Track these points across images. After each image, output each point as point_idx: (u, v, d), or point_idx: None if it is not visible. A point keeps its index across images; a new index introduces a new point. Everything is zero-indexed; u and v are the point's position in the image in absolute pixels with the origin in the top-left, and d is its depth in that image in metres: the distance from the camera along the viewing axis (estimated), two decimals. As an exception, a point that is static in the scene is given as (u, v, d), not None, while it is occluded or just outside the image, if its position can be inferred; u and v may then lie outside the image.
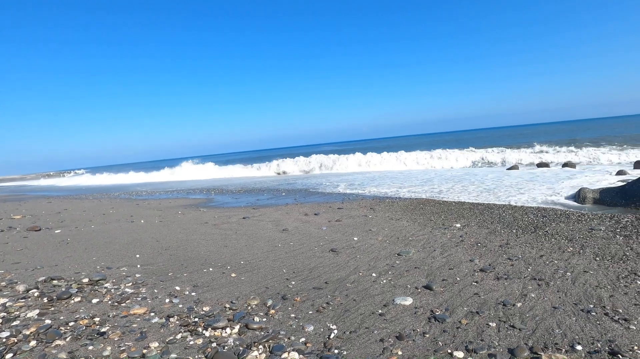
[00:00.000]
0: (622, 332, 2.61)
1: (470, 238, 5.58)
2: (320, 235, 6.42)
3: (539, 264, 4.21)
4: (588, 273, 3.82)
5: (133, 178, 32.71)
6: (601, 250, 4.59)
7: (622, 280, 3.58)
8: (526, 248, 4.86)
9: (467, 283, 3.75)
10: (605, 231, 5.43)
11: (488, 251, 4.82)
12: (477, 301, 3.28)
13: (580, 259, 4.31)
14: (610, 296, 3.23)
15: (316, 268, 4.52)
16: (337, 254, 5.13)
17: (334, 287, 3.83)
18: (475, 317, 2.97)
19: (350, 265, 4.60)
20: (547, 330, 2.70)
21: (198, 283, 4.13)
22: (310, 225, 7.30)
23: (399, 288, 3.70)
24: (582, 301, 3.18)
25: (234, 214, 9.44)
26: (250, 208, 10.54)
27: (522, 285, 3.60)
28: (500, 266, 4.22)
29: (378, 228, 6.62)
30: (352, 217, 7.89)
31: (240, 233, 6.92)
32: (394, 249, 5.21)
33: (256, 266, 4.76)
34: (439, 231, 6.10)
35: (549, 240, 5.21)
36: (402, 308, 3.21)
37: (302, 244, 5.82)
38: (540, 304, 3.14)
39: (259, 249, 5.65)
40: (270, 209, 9.96)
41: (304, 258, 5.00)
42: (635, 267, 3.91)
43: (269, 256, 5.22)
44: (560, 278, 3.75)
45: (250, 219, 8.49)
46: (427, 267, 4.33)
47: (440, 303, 3.28)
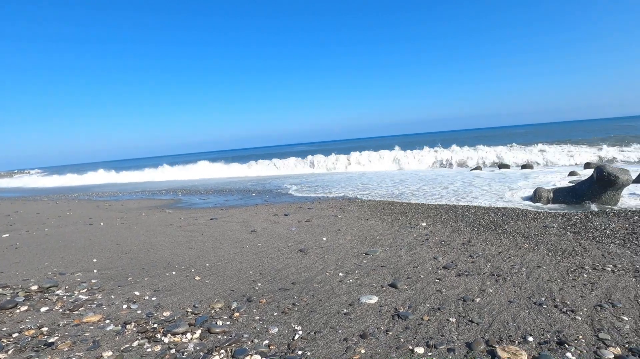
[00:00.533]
0: (569, 323, 2.77)
1: (435, 236, 5.74)
2: (289, 235, 6.37)
3: (498, 260, 4.40)
4: (541, 268, 4.04)
5: (100, 178, 30.89)
6: (553, 246, 4.88)
7: (570, 274, 3.81)
8: (486, 245, 5.07)
9: (431, 280, 3.85)
10: (558, 229, 5.77)
11: (451, 249, 4.99)
12: (439, 298, 3.37)
13: (535, 255, 4.55)
14: (560, 289, 3.42)
15: (283, 269, 4.48)
16: (305, 254, 5.11)
17: (301, 288, 3.81)
18: (436, 313, 3.05)
19: (318, 265, 4.59)
20: (503, 323, 2.82)
21: (159, 288, 3.97)
22: (280, 226, 7.24)
23: (365, 287, 3.74)
24: (535, 294, 3.35)
25: (201, 215, 9.18)
26: (218, 209, 10.30)
27: (481, 281, 3.75)
28: (462, 263, 4.38)
29: (347, 228, 6.67)
30: (322, 217, 7.90)
31: (206, 235, 6.74)
32: (361, 248, 5.26)
33: (222, 268, 4.64)
34: (405, 230, 6.24)
35: (507, 237, 5.46)
36: (367, 307, 3.24)
37: (270, 245, 5.75)
38: (497, 299, 3.28)
39: (226, 251, 5.52)
40: (239, 210, 9.78)
41: (272, 259, 4.94)
42: (582, 261, 4.18)
43: (236, 258, 5.11)
44: (516, 273, 3.93)
45: (218, 220, 8.29)
46: (393, 266, 4.40)
47: (404, 301, 3.35)
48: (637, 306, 3.00)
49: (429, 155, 20.44)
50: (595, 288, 3.41)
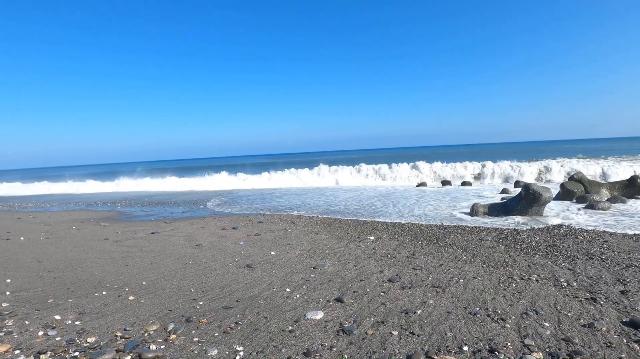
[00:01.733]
0: (500, 331, 2.96)
1: (382, 249, 5.90)
2: (237, 250, 6.15)
3: (439, 272, 4.62)
4: (477, 279, 4.31)
5: (25, 189, 27.57)
6: (487, 257, 5.24)
7: (502, 284, 4.11)
8: (429, 258, 5.30)
9: (376, 293, 3.92)
10: (491, 241, 6.23)
11: (396, 262, 5.14)
12: (384, 311, 3.43)
13: (471, 266, 4.84)
14: (492, 299, 3.66)
15: (228, 286, 4.28)
16: (252, 270, 4.95)
17: (245, 305, 3.66)
18: (380, 327, 3.09)
19: (265, 280, 4.47)
20: (441, 334, 2.93)
21: (86, 310, 3.58)
22: (227, 240, 6.97)
23: (311, 302, 3.69)
24: (471, 304, 3.55)
25: (142, 229, 8.57)
26: (161, 221, 9.70)
27: (423, 293, 3.89)
28: (406, 275, 4.52)
29: (297, 242, 6.61)
30: (271, 231, 7.76)
31: (146, 250, 6.27)
32: (310, 262, 5.22)
33: (160, 286, 4.32)
34: (354, 244, 6.33)
35: (447, 249, 5.77)
36: (313, 323, 3.20)
37: (215, 260, 5.49)
38: (437, 310, 3.42)
39: (167, 267, 5.17)
40: (185, 223, 9.28)
41: (216, 276, 4.71)
42: (512, 272, 4.53)
43: (177, 274, 4.80)
44: (455, 284, 4.15)
45: (160, 234, 7.78)
46: (341, 280, 4.42)
47: (350, 315, 3.35)
48: (556, 312, 3.29)
49: (378, 171, 21.15)
50: (522, 296, 3.70)
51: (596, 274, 4.34)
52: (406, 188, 16.79)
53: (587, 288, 3.90)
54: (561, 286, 3.97)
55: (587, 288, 3.90)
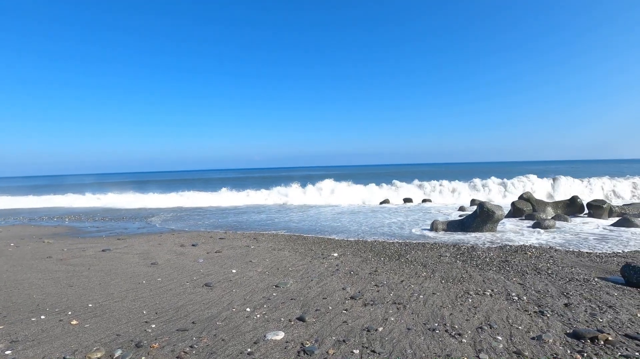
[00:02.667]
0: (457, 346, 3.03)
1: (345, 266, 5.90)
2: (196, 268, 5.89)
3: (400, 289, 4.69)
4: (436, 295, 4.42)
5: None
6: (446, 273, 5.41)
7: (459, 299, 4.24)
8: (390, 275, 5.38)
9: (338, 311, 3.89)
10: (450, 257, 6.46)
11: (359, 279, 5.16)
12: (345, 329, 3.40)
13: (431, 282, 4.97)
14: (450, 314, 3.76)
15: (184, 307, 4.06)
16: (211, 289, 4.75)
17: (202, 327, 3.48)
18: (341, 346, 3.06)
19: (225, 300, 4.29)
20: (401, 351, 2.95)
21: (19, 337, 3.23)
22: (186, 257, 6.66)
23: (272, 322, 3.59)
24: (430, 320, 3.62)
25: (92, 246, 7.98)
26: (114, 238, 9.10)
27: (384, 310, 3.92)
28: (369, 292, 4.54)
29: (259, 259, 6.46)
30: (233, 248, 7.53)
31: (95, 269, 5.83)
32: (272, 280, 5.11)
33: (109, 308, 4.01)
34: (317, 261, 6.29)
35: (408, 266, 5.90)
36: (273, 344, 3.10)
37: (172, 279, 5.21)
38: (397, 327, 3.45)
39: (117, 287, 4.82)
40: (140, 239, 8.77)
41: (172, 296, 4.46)
42: (468, 287, 4.70)
43: (129, 295, 4.48)
44: (415, 300, 4.22)
45: (111, 252, 7.28)
46: (303, 298, 4.35)
47: (311, 335, 3.29)
48: (508, 326, 3.44)
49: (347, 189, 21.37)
50: (478, 311, 3.84)
51: (543, 288, 4.62)
52: (369, 205, 17.10)
53: (535, 301, 4.12)
54: (512, 300, 4.18)
55: (536, 301, 4.12)
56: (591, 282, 4.84)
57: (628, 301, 4.06)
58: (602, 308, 3.87)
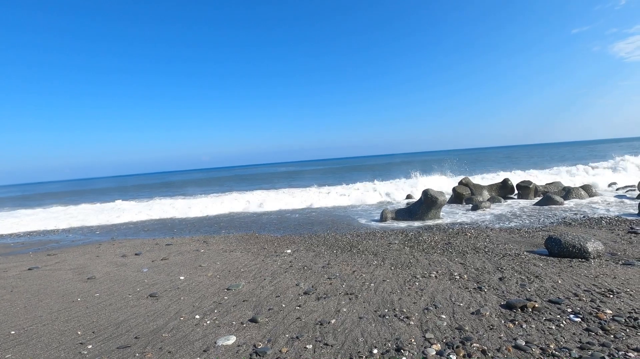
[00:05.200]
0: (405, 329, 3.16)
1: (298, 262, 5.89)
2: (139, 278, 5.50)
3: (352, 279, 4.78)
4: (386, 282, 4.57)
5: None
6: (395, 260, 5.63)
7: (407, 284, 4.43)
8: (343, 266, 5.47)
9: (292, 308, 3.87)
10: (398, 244, 6.73)
11: (312, 274, 5.17)
12: (299, 326, 3.39)
13: (382, 270, 5.13)
14: (399, 299, 3.92)
15: (126, 321, 3.77)
16: (157, 299, 4.46)
17: (147, 341, 3.26)
18: (295, 342, 3.04)
19: (172, 309, 4.06)
20: (354, 341, 3.01)
21: None
22: (128, 268, 6.20)
23: (223, 327, 3.46)
24: (380, 307, 3.73)
25: (15, 264, 7.11)
26: (43, 254, 8.20)
27: (337, 302, 3.97)
28: (322, 286, 4.57)
29: (209, 263, 6.21)
30: (181, 253, 7.17)
31: (19, 291, 5.20)
32: (223, 284, 4.94)
33: (36, 334, 3.59)
34: (270, 259, 6.20)
35: (360, 256, 6.04)
36: (224, 349, 2.99)
37: (112, 293, 4.81)
38: (349, 317, 3.51)
39: (46, 309, 4.34)
40: (74, 253, 7.99)
41: (111, 311, 4.12)
42: (415, 271, 4.93)
43: (60, 316, 4.06)
44: (366, 289, 4.34)
45: (40, 270, 6.55)
46: (256, 298, 4.26)
47: (264, 335, 3.23)
48: (451, 304, 3.66)
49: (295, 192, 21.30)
50: (424, 293, 4.04)
51: (481, 265, 4.99)
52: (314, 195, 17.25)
53: (474, 278, 4.44)
54: (455, 279, 4.46)
55: (475, 278, 4.44)
56: (521, 256, 5.33)
57: (551, 270, 4.53)
58: (530, 278, 4.28)
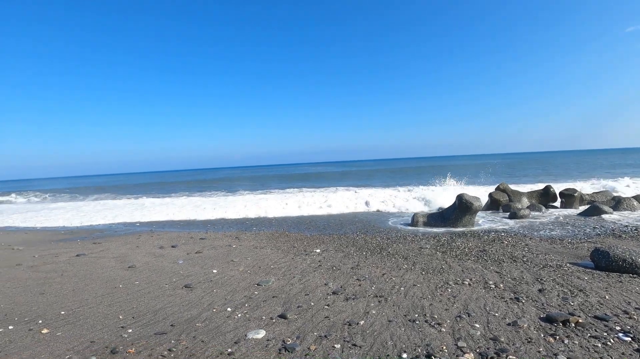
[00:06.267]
0: (436, 335, 3.08)
1: (327, 262, 5.91)
2: (175, 269, 5.76)
3: (381, 282, 4.73)
4: (416, 286, 4.48)
5: None
6: (426, 265, 5.50)
7: (438, 290, 4.31)
8: (372, 268, 5.42)
9: (320, 307, 3.89)
10: (430, 249, 6.57)
11: (341, 274, 5.17)
12: (327, 324, 3.40)
13: (412, 274, 5.04)
14: (430, 305, 3.82)
15: (163, 309, 3.96)
16: (191, 290, 4.65)
17: (181, 329, 3.40)
18: (323, 341, 3.05)
19: (205, 301, 4.21)
20: (382, 343, 2.97)
21: (-16, 350, 3.06)
22: (165, 259, 6.50)
23: (253, 321, 3.54)
24: (410, 312, 3.66)
25: (65, 251, 7.67)
26: (89, 242, 8.79)
27: (366, 303, 3.94)
28: (350, 287, 4.56)
29: (241, 258, 6.38)
30: (214, 248, 7.41)
31: (68, 275, 5.61)
32: (254, 279, 5.05)
33: (82, 315, 3.86)
34: (300, 258, 6.27)
35: (390, 259, 5.96)
36: (254, 343, 3.06)
37: (150, 282, 5.07)
38: (379, 320, 3.47)
39: (91, 293, 4.65)
40: (117, 242, 8.50)
41: (150, 299, 4.34)
42: (447, 277, 4.79)
43: (104, 300, 4.34)
44: (396, 293, 4.27)
45: (86, 256, 7.03)
46: (285, 295, 4.32)
47: (293, 331, 3.27)
48: (485, 314, 3.53)
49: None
50: (457, 300, 3.92)
51: (519, 275, 4.76)
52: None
53: (511, 288, 4.24)
54: (490, 288, 4.28)
55: (512, 288, 4.25)
56: (563, 268, 5.03)
57: (597, 285, 4.24)
58: (574, 292, 4.02)
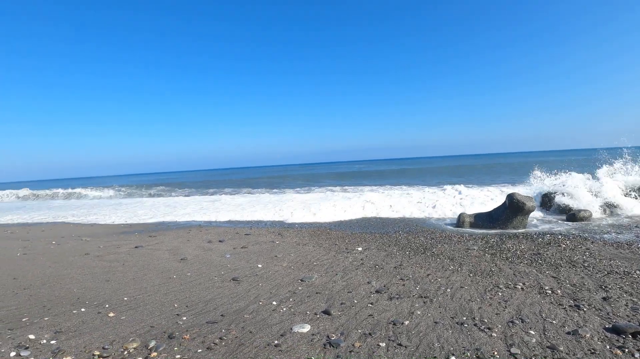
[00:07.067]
0: (486, 340, 2.96)
1: (369, 260, 5.87)
2: (223, 263, 6.04)
3: (426, 282, 4.61)
4: (463, 288, 4.32)
5: None
6: (474, 267, 5.27)
7: (488, 293, 4.12)
8: (416, 268, 5.30)
9: (363, 305, 3.88)
10: (478, 251, 6.29)
11: (384, 273, 5.12)
12: (371, 323, 3.39)
13: (458, 276, 4.86)
14: (479, 308, 3.67)
15: (213, 300, 4.18)
16: (238, 283, 4.86)
17: (231, 319, 3.57)
18: (367, 339, 3.05)
19: (251, 294, 4.38)
20: (429, 345, 2.91)
21: (62, 328, 3.43)
22: (213, 253, 6.85)
23: (298, 316, 3.63)
24: (458, 314, 3.54)
25: (125, 243, 8.35)
26: (145, 235, 9.48)
27: (410, 303, 3.87)
28: (394, 286, 4.50)
29: (284, 254, 6.54)
30: (259, 243, 7.67)
31: (128, 265, 6.10)
32: (297, 275, 5.16)
33: (142, 302, 4.19)
34: (342, 255, 6.29)
35: (435, 259, 5.79)
36: (299, 336, 3.14)
37: (200, 274, 5.38)
38: (424, 321, 3.40)
39: (149, 282, 5.03)
40: (169, 236, 9.09)
41: (201, 290, 4.60)
42: (497, 281, 4.56)
43: (160, 289, 4.67)
44: (442, 294, 4.15)
45: (144, 248, 7.59)
46: (328, 292, 4.37)
47: (337, 328, 3.30)
48: (541, 320, 3.31)
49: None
50: (508, 305, 3.72)
51: (579, 281, 4.41)
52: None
53: (570, 295, 3.95)
54: (546, 293, 4.02)
55: (571, 295, 3.95)
56: (632, 275, 4.58)
57: (674, 295, 3.81)
58: (645, 302, 3.65)
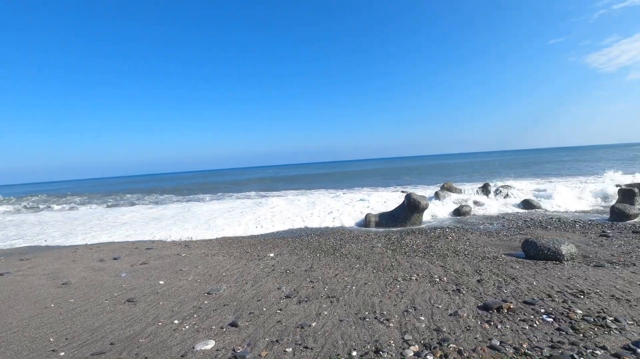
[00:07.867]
0: (385, 331, 3.20)
1: (281, 266, 5.86)
2: (117, 283, 5.36)
3: (334, 282, 4.79)
4: (367, 284, 4.61)
5: None
6: (377, 263, 5.68)
7: (388, 286, 4.48)
8: (325, 270, 5.47)
9: (272, 312, 3.85)
10: (381, 248, 6.80)
11: (295, 277, 5.16)
12: (279, 329, 3.38)
13: (364, 273, 5.17)
14: (379, 302, 3.95)
15: (102, 327, 3.67)
16: (134, 304, 4.36)
17: (122, 347, 3.18)
18: (274, 346, 3.03)
19: (149, 315, 3.97)
20: (333, 343, 3.02)
21: None
22: (105, 273, 6.04)
23: (202, 332, 3.41)
24: (361, 310, 3.76)
25: (-16, 271, 6.80)
26: (15, 259, 7.88)
27: (318, 305, 3.97)
28: (303, 289, 4.57)
29: (190, 267, 6.11)
30: (162, 257, 7.03)
31: (-13, 298, 4.98)
32: (204, 288, 4.87)
33: (6, 341, 3.46)
34: (253, 263, 6.16)
35: (342, 259, 6.07)
36: (202, 354, 2.95)
37: (87, 299, 4.68)
38: (330, 321, 3.52)
39: (17, 316, 4.18)
40: (49, 257, 7.73)
41: (87, 317, 4.00)
42: (397, 274, 4.99)
43: (32, 323, 3.92)
44: (348, 292, 4.36)
45: (11, 275, 6.30)
46: (237, 302, 4.22)
47: (244, 339, 3.20)
48: (430, 306, 3.72)
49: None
50: (404, 296, 4.09)
51: (461, 268, 5.09)
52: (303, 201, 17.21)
53: (454, 281, 4.53)
54: (435, 282, 4.53)
55: (454, 281, 4.53)
56: (499, 259, 5.47)
57: (527, 272, 4.67)
58: (507, 280, 4.39)
